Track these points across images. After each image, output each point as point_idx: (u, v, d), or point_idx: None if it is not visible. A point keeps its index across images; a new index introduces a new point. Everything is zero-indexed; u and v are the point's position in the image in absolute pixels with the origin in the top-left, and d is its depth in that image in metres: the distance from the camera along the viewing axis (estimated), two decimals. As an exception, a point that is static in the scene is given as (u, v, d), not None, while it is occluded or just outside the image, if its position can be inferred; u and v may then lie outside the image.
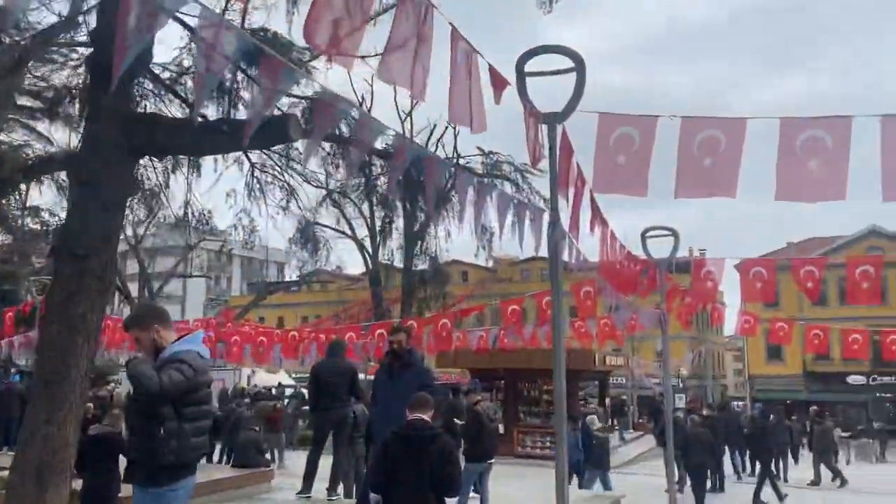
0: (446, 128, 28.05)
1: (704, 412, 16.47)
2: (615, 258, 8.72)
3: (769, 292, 11.09)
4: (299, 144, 8.80)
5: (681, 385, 41.14)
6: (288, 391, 35.65)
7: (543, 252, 6.19)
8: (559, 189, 6.03)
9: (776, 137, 5.46)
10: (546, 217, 6.11)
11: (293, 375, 50.22)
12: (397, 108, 29.63)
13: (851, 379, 42.61)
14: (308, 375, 8.75)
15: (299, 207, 19.96)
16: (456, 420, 9.36)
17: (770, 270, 10.96)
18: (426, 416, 4.71)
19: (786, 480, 17.50)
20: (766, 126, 5.52)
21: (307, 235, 22.95)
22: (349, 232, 31.61)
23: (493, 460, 8.96)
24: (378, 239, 30.49)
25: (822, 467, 17.63)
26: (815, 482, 17.43)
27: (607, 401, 23.62)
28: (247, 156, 9.89)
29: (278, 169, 10.86)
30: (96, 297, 6.56)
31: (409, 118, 29.31)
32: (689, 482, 12.93)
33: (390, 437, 4.78)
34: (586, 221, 7.40)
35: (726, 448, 16.53)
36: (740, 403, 47.27)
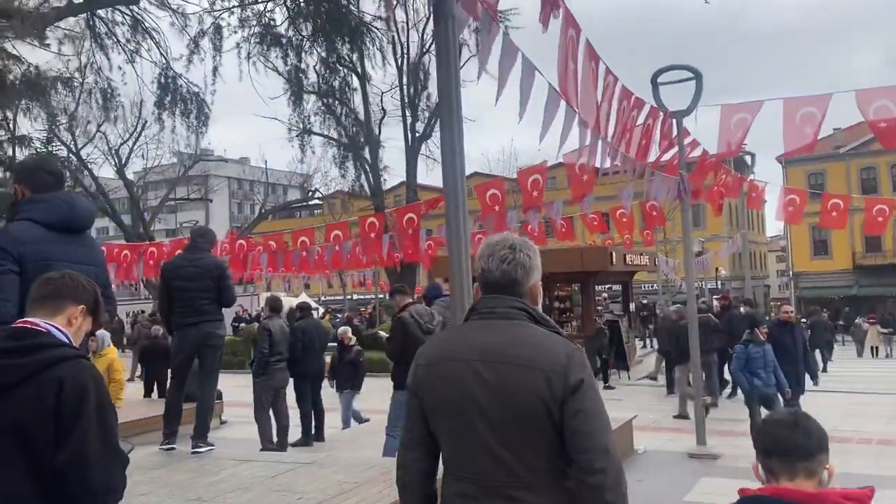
0: None
1: (741, 309, 13.73)
2: (592, 84, 5.87)
3: (815, 142, 8.15)
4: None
5: (720, 286, 38.24)
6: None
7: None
8: None
9: None
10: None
11: (321, 297, 48.74)
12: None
13: (907, 270, 39.12)
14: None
15: (164, 55, 17.00)
16: (381, 333, 6.84)
17: (821, 109, 7.97)
18: (55, 321, 2.08)
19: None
20: None
21: (171, 92, 19.17)
22: (345, 139, 28.83)
23: (433, 385, 6.45)
24: (377, 142, 27.65)
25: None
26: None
27: (632, 306, 20.95)
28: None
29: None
30: None
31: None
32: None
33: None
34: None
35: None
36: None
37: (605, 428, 1.83)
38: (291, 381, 8.64)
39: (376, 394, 9.90)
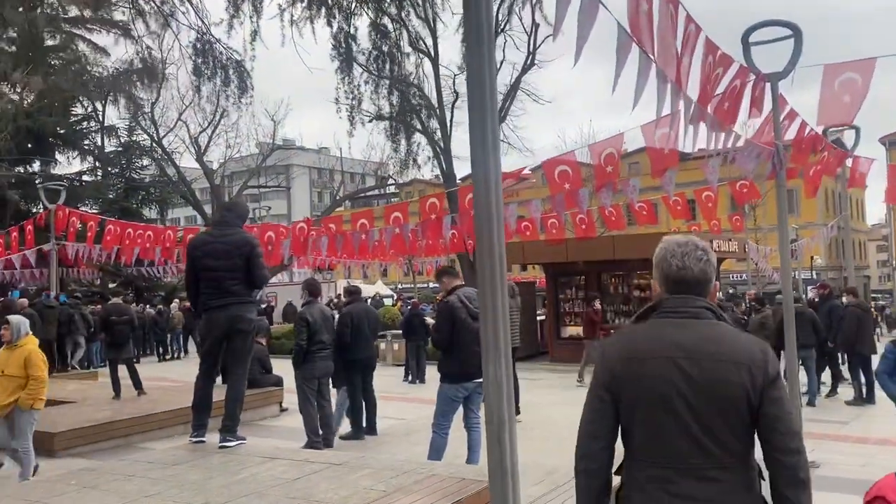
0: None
1: (844, 300, 12.39)
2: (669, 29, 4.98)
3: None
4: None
5: (814, 276, 35.84)
6: (387, 301, 33.68)
7: None
8: None
9: None
10: None
11: (398, 285, 48.63)
12: None
13: None
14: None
15: (202, 20, 16.02)
16: (428, 320, 6.10)
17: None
18: None
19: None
20: None
21: (207, 56, 17.75)
22: (419, 125, 28.30)
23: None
24: (449, 126, 26.99)
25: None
26: None
27: (719, 294, 19.63)
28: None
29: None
30: None
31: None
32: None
33: None
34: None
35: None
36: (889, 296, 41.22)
37: (795, 414, 2.18)
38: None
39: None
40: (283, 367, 12.08)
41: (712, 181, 8.86)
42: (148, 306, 24.65)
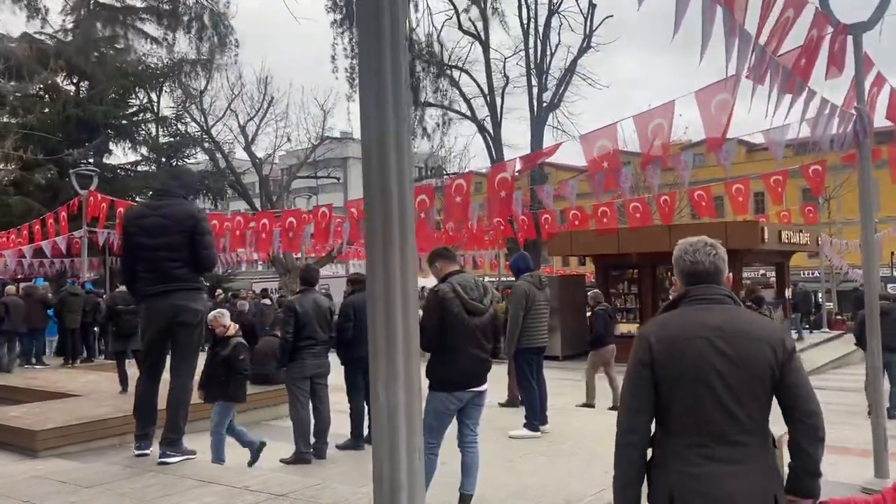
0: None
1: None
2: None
3: None
4: None
5: (894, 273, 33.17)
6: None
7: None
8: None
9: None
10: None
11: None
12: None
13: None
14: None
15: None
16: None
17: None
18: None
19: None
20: None
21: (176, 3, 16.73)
22: (468, 112, 27.24)
23: (483, 388, 4.58)
24: (499, 113, 25.86)
25: None
26: None
27: (788, 291, 17.95)
28: None
29: None
30: None
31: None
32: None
33: None
34: None
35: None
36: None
37: (809, 381, 2.42)
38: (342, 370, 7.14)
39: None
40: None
41: (777, 154, 7.53)
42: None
